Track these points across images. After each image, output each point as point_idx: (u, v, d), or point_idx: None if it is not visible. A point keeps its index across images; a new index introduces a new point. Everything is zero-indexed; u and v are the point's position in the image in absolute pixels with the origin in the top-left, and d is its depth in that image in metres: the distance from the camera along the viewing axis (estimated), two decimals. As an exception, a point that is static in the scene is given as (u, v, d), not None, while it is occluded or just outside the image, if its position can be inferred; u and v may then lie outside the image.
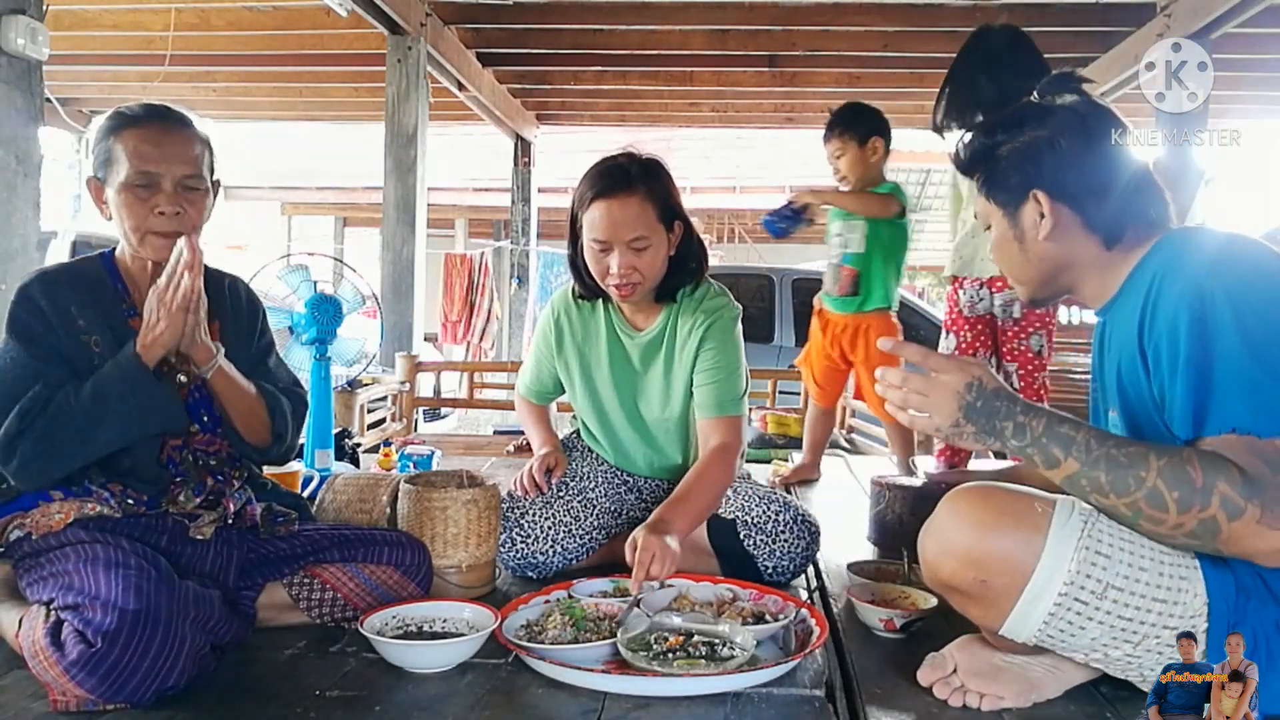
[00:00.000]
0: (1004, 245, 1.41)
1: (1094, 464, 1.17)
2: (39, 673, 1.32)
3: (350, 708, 1.33)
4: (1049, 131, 1.33)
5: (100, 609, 1.30)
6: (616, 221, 1.85)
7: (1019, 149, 1.35)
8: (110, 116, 1.61)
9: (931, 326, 6.76)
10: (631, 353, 2.05)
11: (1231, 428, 1.15)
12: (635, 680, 1.37)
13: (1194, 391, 1.17)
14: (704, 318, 1.98)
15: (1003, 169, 1.37)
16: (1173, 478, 1.13)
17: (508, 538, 1.95)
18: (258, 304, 1.85)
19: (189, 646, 1.32)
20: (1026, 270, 1.41)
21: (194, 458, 1.65)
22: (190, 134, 1.60)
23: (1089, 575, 1.19)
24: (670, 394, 2.03)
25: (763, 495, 1.98)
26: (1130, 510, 1.17)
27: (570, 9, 5.69)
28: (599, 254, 1.89)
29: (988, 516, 1.24)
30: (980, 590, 1.25)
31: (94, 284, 1.61)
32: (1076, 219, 1.33)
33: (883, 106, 3.10)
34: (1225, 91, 6.55)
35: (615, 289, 1.90)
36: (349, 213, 14.59)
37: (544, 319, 2.15)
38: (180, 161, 1.57)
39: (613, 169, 1.89)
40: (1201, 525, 1.13)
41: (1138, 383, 1.28)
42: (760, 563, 1.93)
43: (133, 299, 1.63)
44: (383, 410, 4.62)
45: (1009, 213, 1.38)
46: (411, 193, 5.37)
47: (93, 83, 7.48)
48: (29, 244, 3.06)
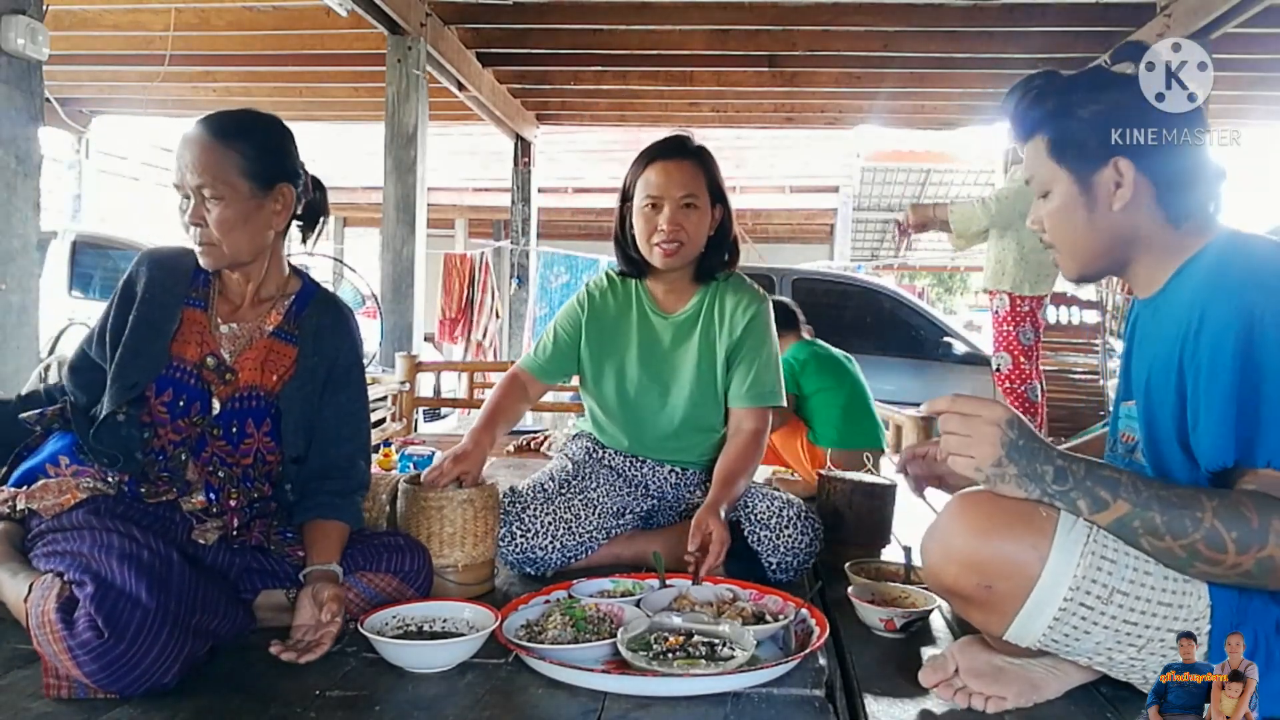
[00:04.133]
0: (1068, 212, 1.33)
1: (1146, 505, 1.15)
2: (40, 644, 1.31)
3: (350, 708, 1.33)
4: (1135, 98, 1.27)
5: (115, 598, 1.31)
6: (671, 178, 2.00)
7: (1102, 111, 1.28)
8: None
9: (932, 327, 6.77)
10: (663, 333, 2.13)
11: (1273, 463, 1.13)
12: (635, 680, 1.37)
13: (1236, 422, 1.15)
14: (746, 302, 2.11)
15: (1080, 131, 1.29)
16: (1229, 518, 1.12)
17: (507, 531, 1.95)
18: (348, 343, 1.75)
19: (189, 650, 1.34)
20: (1089, 241, 1.33)
21: (205, 462, 1.62)
22: (203, 142, 1.57)
23: (1094, 580, 1.18)
24: (703, 374, 2.10)
25: (765, 494, 2.03)
26: (1186, 552, 1.14)
27: (570, 9, 5.69)
28: (649, 212, 2.02)
29: (992, 522, 1.22)
30: (984, 596, 1.24)
31: (179, 272, 1.68)
32: (1151, 192, 1.28)
33: (883, 106, 3.11)
34: (1225, 91, 6.54)
35: (660, 248, 2.01)
36: (349, 213, 14.58)
37: (572, 301, 2.21)
38: (189, 170, 1.57)
39: (671, 139, 2.07)
40: (1259, 565, 1.12)
41: (1166, 389, 1.26)
42: (765, 559, 1.95)
43: (207, 292, 1.69)
44: (383, 410, 4.61)
45: (1080, 177, 1.30)
46: (411, 193, 5.36)
47: (93, 83, 7.47)
48: (29, 244, 3.06)
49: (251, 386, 1.65)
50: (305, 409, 1.68)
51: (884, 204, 15.35)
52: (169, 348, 1.63)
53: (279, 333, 1.70)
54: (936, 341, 6.49)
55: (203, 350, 1.65)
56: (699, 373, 2.10)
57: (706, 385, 2.10)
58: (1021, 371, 3.97)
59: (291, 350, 1.69)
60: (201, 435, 1.63)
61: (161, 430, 1.61)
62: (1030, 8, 5.38)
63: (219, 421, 1.64)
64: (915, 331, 6.70)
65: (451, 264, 9.19)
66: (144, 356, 1.61)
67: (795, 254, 13.77)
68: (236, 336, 1.68)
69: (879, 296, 7.00)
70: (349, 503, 1.70)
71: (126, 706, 1.30)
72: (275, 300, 1.72)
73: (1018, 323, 3.97)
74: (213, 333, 1.67)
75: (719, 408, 2.13)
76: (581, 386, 2.25)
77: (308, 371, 1.69)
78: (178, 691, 1.35)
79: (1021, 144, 1.39)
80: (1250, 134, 8.66)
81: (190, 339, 1.65)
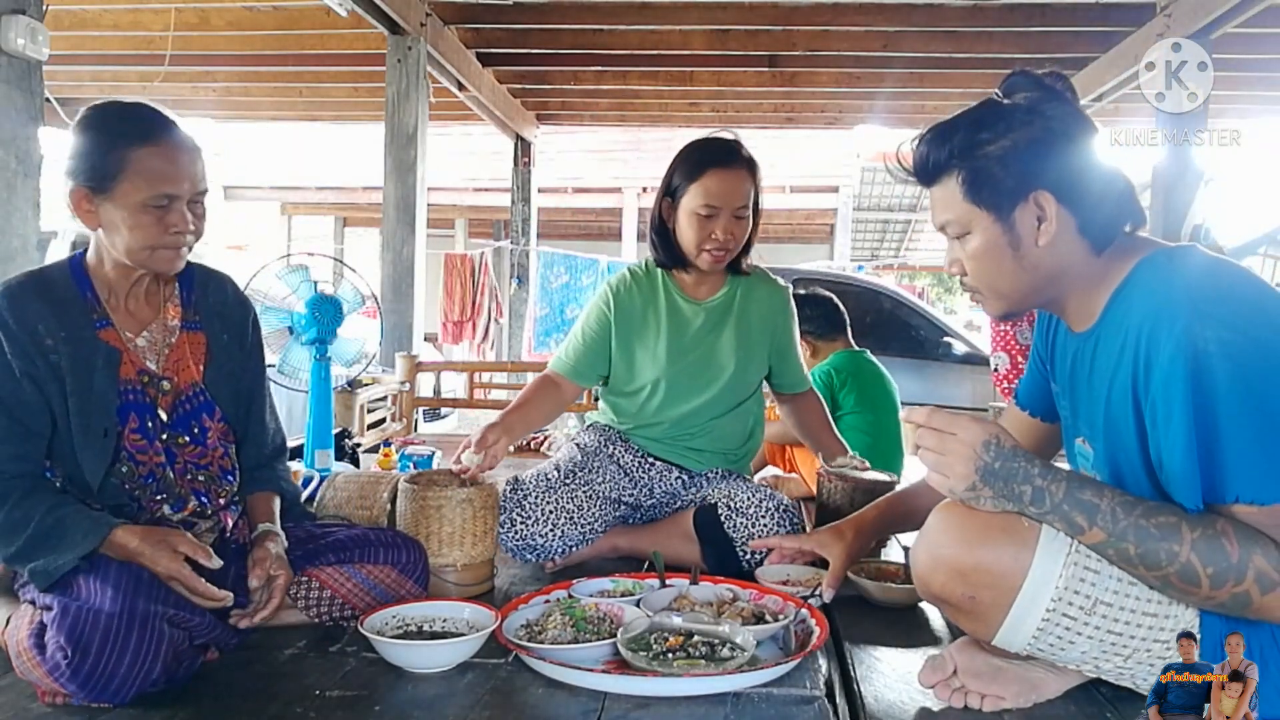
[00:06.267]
0: (991, 253, 1.28)
1: (1121, 535, 1.14)
2: (22, 672, 1.34)
3: (350, 708, 1.33)
4: (1045, 129, 1.24)
5: (75, 615, 1.30)
6: (731, 190, 2.04)
7: (1013, 146, 1.24)
8: (108, 121, 1.51)
9: (932, 327, 6.76)
10: (693, 318, 2.17)
11: (1247, 499, 1.12)
12: (635, 680, 1.37)
13: (1201, 462, 1.13)
14: (777, 292, 2.23)
15: (993, 169, 1.25)
16: (1207, 551, 1.11)
17: (507, 518, 1.96)
18: (246, 307, 1.75)
19: (167, 644, 1.33)
20: (1016, 281, 1.29)
21: (182, 472, 1.59)
22: (195, 148, 1.55)
23: (1077, 591, 1.18)
24: (741, 360, 2.17)
25: (749, 484, 2.09)
26: (1159, 582, 1.14)
27: (570, 9, 5.69)
28: (704, 219, 2.04)
29: (976, 531, 1.21)
30: (969, 604, 1.24)
31: (63, 296, 1.52)
32: (1072, 223, 1.25)
33: (883, 106, 3.11)
34: (1225, 91, 6.54)
35: (711, 254, 2.06)
36: (349, 213, 14.59)
37: (596, 301, 2.23)
38: (192, 179, 1.52)
39: (726, 145, 2.09)
40: (1233, 599, 1.12)
41: (1126, 430, 1.23)
42: (739, 546, 1.97)
43: (104, 308, 1.55)
44: (383, 410, 4.61)
45: (1000, 216, 1.26)
46: (411, 193, 5.36)
47: (93, 83, 7.47)
48: (29, 244, 3.06)
49: (191, 385, 1.62)
50: (233, 386, 1.68)
51: (884, 204, 15.35)
52: (117, 375, 1.53)
53: (186, 324, 1.65)
54: (936, 341, 6.49)
55: (134, 366, 1.57)
56: (739, 358, 2.16)
57: (744, 371, 2.18)
58: (1020, 371, 3.96)
59: (201, 336, 1.66)
60: (169, 448, 1.59)
61: (142, 457, 1.54)
62: (1030, 8, 5.39)
63: (176, 429, 1.60)
64: (915, 331, 6.70)
65: (452, 264, 9.20)
66: (96, 395, 1.50)
67: (795, 254, 13.77)
68: (154, 343, 1.61)
69: (879, 296, 7.00)
70: (270, 472, 1.74)
71: (126, 707, 1.30)
72: (160, 293, 1.63)
73: (1016, 322, 3.97)
74: (132, 348, 1.57)
75: (750, 393, 2.22)
76: (606, 385, 2.25)
77: (222, 350, 1.67)
78: (177, 692, 1.35)
79: (929, 187, 1.33)
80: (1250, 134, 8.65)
81: (121, 360, 1.56)
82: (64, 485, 1.51)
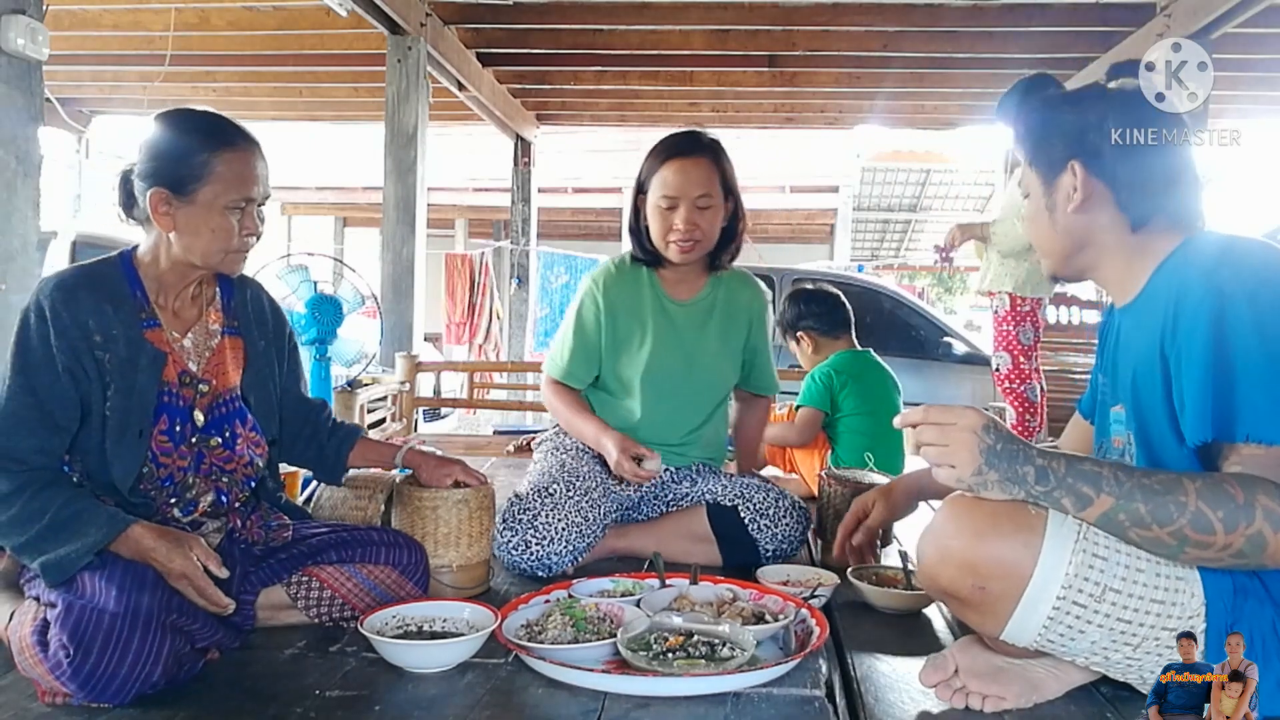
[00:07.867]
0: (1036, 215, 1.43)
1: (1129, 496, 1.15)
2: (24, 669, 1.34)
3: (350, 708, 1.33)
4: (1100, 108, 1.35)
5: (79, 613, 1.31)
6: (688, 179, 2.04)
7: (1063, 119, 1.38)
8: (191, 127, 1.53)
9: (932, 327, 6.76)
10: (677, 319, 2.18)
11: (1255, 438, 1.15)
12: (635, 680, 1.37)
13: (1214, 396, 1.16)
14: (758, 295, 2.26)
15: (1049, 139, 1.39)
16: (1213, 498, 1.12)
17: (520, 540, 1.94)
18: (282, 315, 1.82)
19: (169, 647, 1.33)
20: (1053, 242, 1.42)
21: (207, 472, 1.60)
22: (264, 154, 1.60)
23: (1086, 578, 1.18)
24: (723, 363, 2.22)
25: (757, 485, 2.13)
26: (1175, 539, 1.15)
27: (570, 9, 5.68)
28: (665, 211, 2.06)
29: (985, 522, 1.22)
30: (979, 596, 1.24)
31: (114, 293, 1.53)
32: (1109, 196, 1.35)
33: (883, 106, 3.11)
34: (1225, 91, 6.54)
35: (677, 245, 2.06)
36: (349, 213, 14.59)
37: (581, 299, 2.21)
38: (264, 183, 1.58)
39: (686, 135, 2.10)
40: (1250, 543, 1.12)
41: (1153, 388, 1.27)
42: (762, 545, 2.05)
43: (152, 307, 1.56)
44: (383, 410, 4.61)
45: (1046, 182, 1.40)
46: (411, 193, 5.36)
47: (93, 83, 7.47)
48: (29, 244, 3.06)
49: (228, 389, 1.64)
50: (268, 391, 1.71)
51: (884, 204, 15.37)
52: (159, 376, 1.54)
53: (227, 329, 1.67)
54: (936, 341, 6.49)
55: (176, 368, 1.57)
56: (720, 359, 2.20)
57: (726, 372, 2.23)
58: (1021, 371, 3.97)
59: (240, 342, 1.69)
60: (198, 450, 1.60)
61: (165, 460, 1.54)
62: (1030, 8, 5.38)
63: (209, 432, 1.60)
64: (915, 331, 6.70)
65: (453, 265, 9.20)
66: (138, 395, 1.50)
67: (795, 254, 13.77)
68: (197, 345, 1.62)
69: (879, 296, 7.00)
70: (343, 425, 1.90)
71: (126, 706, 1.30)
72: (204, 297, 1.66)
73: (1018, 323, 3.97)
74: (177, 349, 1.59)
75: (728, 392, 2.28)
76: (593, 383, 2.25)
77: (259, 356, 1.71)
78: (177, 691, 1.35)
79: (1016, 147, 1.49)
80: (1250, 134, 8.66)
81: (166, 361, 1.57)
82: (80, 481, 1.51)
